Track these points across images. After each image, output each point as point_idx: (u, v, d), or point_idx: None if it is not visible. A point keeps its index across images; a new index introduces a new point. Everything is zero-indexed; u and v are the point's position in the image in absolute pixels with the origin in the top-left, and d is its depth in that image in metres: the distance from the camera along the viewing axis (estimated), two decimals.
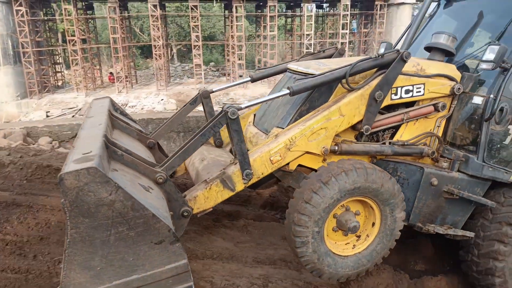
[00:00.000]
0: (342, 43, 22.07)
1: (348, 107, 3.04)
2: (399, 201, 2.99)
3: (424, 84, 3.25)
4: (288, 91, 2.88)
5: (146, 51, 31.99)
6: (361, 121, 3.10)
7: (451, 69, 3.41)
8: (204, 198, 2.83)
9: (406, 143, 3.31)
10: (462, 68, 3.56)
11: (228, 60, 25.95)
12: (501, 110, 3.19)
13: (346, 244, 3.09)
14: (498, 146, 3.40)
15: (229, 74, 26.36)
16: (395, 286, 3.57)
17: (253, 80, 3.91)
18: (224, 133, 3.78)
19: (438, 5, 4.30)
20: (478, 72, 3.42)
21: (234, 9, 23.70)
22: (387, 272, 3.66)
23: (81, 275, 2.07)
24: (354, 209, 3.00)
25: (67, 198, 1.96)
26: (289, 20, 26.60)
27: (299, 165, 3.15)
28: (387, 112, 3.30)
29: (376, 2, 21.79)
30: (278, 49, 25.72)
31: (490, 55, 3.11)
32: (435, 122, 3.43)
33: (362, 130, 3.11)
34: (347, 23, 21.84)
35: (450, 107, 3.40)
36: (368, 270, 3.16)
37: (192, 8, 23.53)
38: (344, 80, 3.00)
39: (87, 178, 1.97)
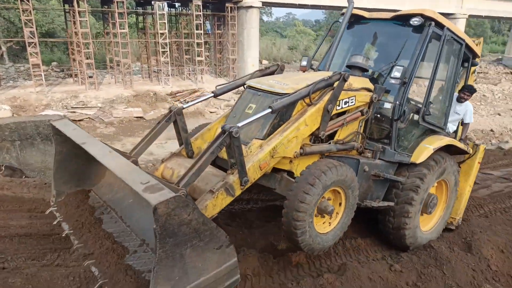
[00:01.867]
0: (198, 43, 22.74)
1: (311, 118, 3.80)
2: (355, 183, 3.86)
3: (355, 96, 4.21)
4: (270, 110, 3.49)
5: None
6: (318, 128, 3.90)
7: (367, 82, 4.44)
8: (213, 206, 3.20)
9: (343, 142, 4.26)
10: (371, 80, 4.68)
11: (74, 60, 23.51)
12: (404, 112, 4.41)
13: (323, 223, 3.83)
14: (402, 138, 4.65)
15: (76, 75, 23.91)
16: (261, 268, 4.14)
17: (216, 95, 4.28)
18: (194, 144, 4.04)
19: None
20: (383, 84, 4.60)
21: (75, 4, 21.57)
22: (252, 256, 4.26)
23: (164, 286, 2.40)
24: (326, 196, 3.76)
25: (158, 223, 2.26)
26: (141, 18, 25.72)
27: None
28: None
29: (227, 5, 23.14)
30: (132, 48, 24.69)
31: (396, 73, 4.27)
32: (358, 123, 4.45)
33: (320, 135, 3.93)
34: (200, 23, 22.55)
35: (368, 111, 4.47)
36: (340, 238, 4.02)
37: (22, 0, 20.42)
38: (307, 98, 3.77)
39: (174, 204, 2.34)
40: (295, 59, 40.71)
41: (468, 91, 5.87)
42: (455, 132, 5.94)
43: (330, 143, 4.11)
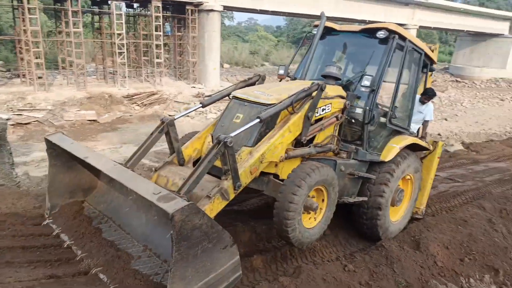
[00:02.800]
0: (157, 45, 22.39)
1: (294, 126, 4.17)
2: (335, 181, 4.27)
3: (331, 103, 4.63)
4: (258, 120, 3.80)
5: None
6: (300, 133, 4.27)
7: (340, 90, 4.89)
8: (210, 210, 3.44)
9: (321, 145, 4.64)
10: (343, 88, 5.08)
11: (22, 59, 22.19)
12: (373, 116, 4.86)
13: (309, 219, 4.20)
14: (373, 139, 5.16)
15: (24, 75, 22.59)
16: None
17: (204, 106, 4.53)
18: (185, 152, 4.21)
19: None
20: (354, 91, 5.04)
21: (25, 0, 20.45)
22: None
23: (178, 285, 2.65)
24: (311, 195, 4.11)
25: (175, 229, 2.48)
26: (97, 17, 24.81)
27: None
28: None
29: (187, 7, 22.97)
30: (87, 48, 23.76)
31: (366, 82, 4.75)
32: (334, 127, 4.86)
33: (302, 140, 4.30)
34: (160, 25, 22.22)
35: (342, 116, 4.88)
36: (324, 230, 4.40)
37: None
38: (290, 107, 4.14)
39: (188, 211, 2.62)
40: (257, 63, 41.33)
41: (429, 96, 6.65)
42: (418, 131, 6.60)
43: (310, 147, 4.49)
